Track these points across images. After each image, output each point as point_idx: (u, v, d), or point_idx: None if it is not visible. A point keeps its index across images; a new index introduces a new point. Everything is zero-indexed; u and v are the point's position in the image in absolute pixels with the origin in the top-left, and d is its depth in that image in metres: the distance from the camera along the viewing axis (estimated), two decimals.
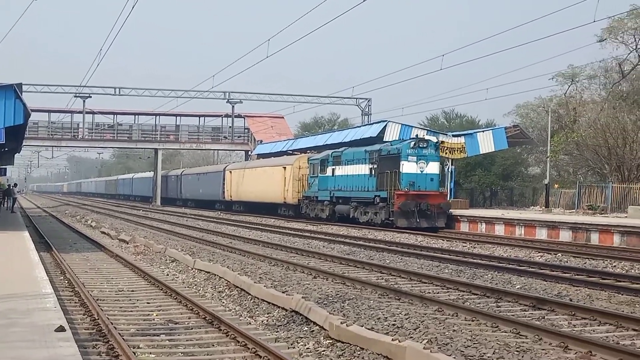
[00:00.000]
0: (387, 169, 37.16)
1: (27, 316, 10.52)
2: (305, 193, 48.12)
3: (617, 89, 55.63)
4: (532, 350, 10.59)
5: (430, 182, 36.96)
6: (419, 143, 37.26)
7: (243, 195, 60.19)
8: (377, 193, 37.82)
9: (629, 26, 53.65)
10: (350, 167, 41.56)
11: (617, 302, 15.14)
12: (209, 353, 11.01)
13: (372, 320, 12.90)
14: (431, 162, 37.14)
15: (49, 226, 43.37)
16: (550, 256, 24.58)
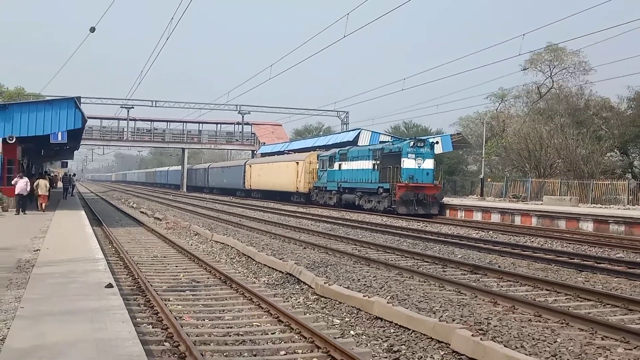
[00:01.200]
0: (389, 164, 35.09)
1: (83, 276, 10.51)
2: (315, 184, 46.16)
3: (535, 107, 55.97)
4: (470, 304, 10.64)
5: (426, 176, 34.84)
6: (417, 143, 35.44)
7: (261, 184, 57.91)
8: (380, 184, 35.94)
9: (545, 58, 54.09)
10: (355, 162, 39.82)
11: (534, 269, 15.20)
12: (223, 305, 11.03)
13: (348, 281, 12.95)
14: (427, 159, 35.17)
15: (100, 207, 43.21)
16: (484, 233, 24.64)
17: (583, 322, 9.26)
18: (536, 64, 54.93)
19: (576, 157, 43.41)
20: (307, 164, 47.18)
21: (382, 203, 35.64)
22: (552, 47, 51.98)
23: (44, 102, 28.88)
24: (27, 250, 14.18)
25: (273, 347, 8.34)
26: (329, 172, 43.22)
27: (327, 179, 43.53)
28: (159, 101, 75.88)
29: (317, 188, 45.80)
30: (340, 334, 9.12)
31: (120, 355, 5.83)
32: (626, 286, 12.82)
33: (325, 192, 44.30)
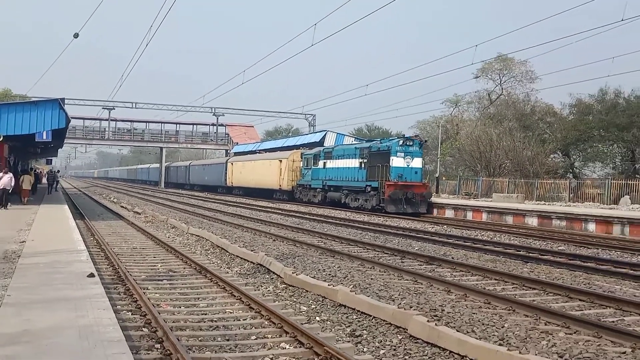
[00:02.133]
0: (378, 163, 32.87)
1: (67, 266, 10.37)
2: (299, 182, 43.72)
3: (486, 112, 56.58)
4: (426, 293, 10.74)
5: (414, 174, 32.53)
6: (406, 141, 33.01)
7: (242, 182, 55.31)
8: (368, 183, 33.51)
9: (495, 67, 54.77)
10: (340, 161, 37.32)
11: (484, 260, 15.37)
12: (198, 293, 10.96)
13: (314, 271, 12.98)
14: (416, 157, 32.79)
15: (82, 201, 42.66)
16: (439, 227, 24.88)
17: (528, 309, 9.40)
18: (487, 72, 55.65)
19: (523, 158, 43.97)
20: (290, 162, 45.21)
21: (369, 201, 33.43)
22: (502, 57, 52.75)
23: (29, 103, 28.49)
24: (13, 242, 13.95)
25: (244, 332, 8.33)
26: (314, 170, 41.00)
27: (312, 177, 41.30)
28: (138, 103, 75.42)
29: (300, 186, 43.60)
30: (307, 320, 9.14)
31: (101, 340, 5.78)
32: (567, 276, 13.05)
33: (309, 190, 42.06)
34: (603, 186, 34.82)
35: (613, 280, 12.69)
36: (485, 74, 55.64)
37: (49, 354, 5.32)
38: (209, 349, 7.57)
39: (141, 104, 75.76)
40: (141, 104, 75.76)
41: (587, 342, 7.66)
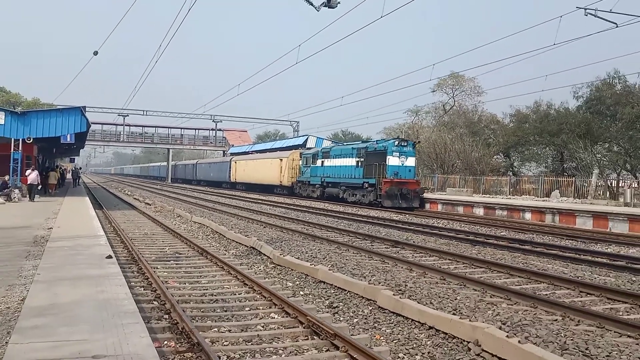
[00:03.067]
0: (374, 161, 30.67)
1: (88, 249, 10.25)
2: (298, 178, 41.21)
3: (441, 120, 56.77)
4: (392, 271, 10.76)
5: (409, 172, 30.44)
6: (401, 142, 31.01)
7: (245, 178, 52.48)
8: (365, 180, 31.33)
9: (449, 83, 55.01)
10: (337, 159, 35.13)
11: (439, 244, 15.40)
12: (200, 272, 10.90)
13: (298, 253, 12.94)
14: (409, 157, 30.67)
15: (101, 194, 42.15)
16: (402, 216, 24.96)
17: (476, 284, 9.46)
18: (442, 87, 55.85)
19: (471, 158, 44.14)
20: (290, 161, 42.86)
21: (367, 197, 31.33)
22: (454, 74, 52.99)
23: (56, 110, 28.15)
24: (42, 229, 13.76)
25: (240, 304, 8.29)
26: (312, 168, 38.66)
27: (311, 174, 38.86)
28: (149, 110, 74.75)
29: (300, 182, 41.02)
30: (293, 294, 9.11)
31: (118, 312, 5.71)
32: (508, 257, 13.13)
33: (308, 186, 39.57)
34: (537, 182, 35.12)
35: (546, 260, 12.80)
36: (441, 88, 55.87)
37: (74, 323, 5.24)
38: (209, 319, 7.52)
39: (151, 112, 75.21)
40: (151, 112, 75.21)
41: (525, 311, 7.72)
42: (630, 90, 37.33)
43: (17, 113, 26.44)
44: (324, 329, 6.71)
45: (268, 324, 7.30)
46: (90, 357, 4.31)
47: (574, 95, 41.16)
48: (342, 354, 6.13)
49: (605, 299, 8.68)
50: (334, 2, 11.76)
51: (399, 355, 6.41)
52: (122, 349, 4.53)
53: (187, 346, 6.21)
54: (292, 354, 6.20)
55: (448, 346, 6.56)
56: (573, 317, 7.37)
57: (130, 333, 4.96)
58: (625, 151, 37.13)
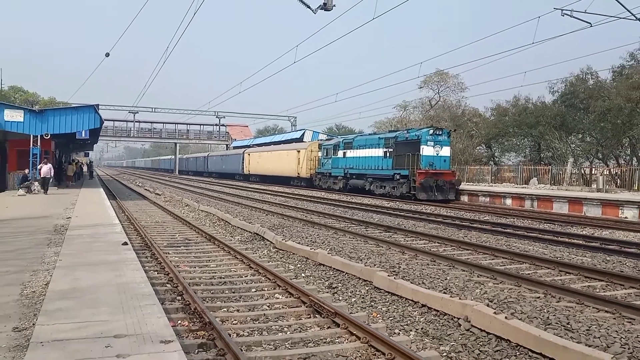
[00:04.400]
0: (406, 151, 26.79)
1: (104, 236, 10.19)
2: (318, 170, 37.24)
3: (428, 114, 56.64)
4: (386, 254, 10.75)
5: (443, 162, 26.66)
6: (436, 131, 27.02)
7: (259, 170, 48.82)
8: (396, 171, 27.49)
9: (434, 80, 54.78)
10: (362, 150, 31.17)
11: (429, 228, 15.37)
12: (209, 256, 10.87)
13: (299, 238, 12.91)
14: (444, 146, 26.80)
15: (114, 186, 42.01)
16: (393, 203, 24.91)
17: (464, 265, 9.46)
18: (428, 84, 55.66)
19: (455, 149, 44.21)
20: (308, 152, 39.15)
21: (398, 189, 27.41)
22: (439, 72, 52.89)
23: (71, 108, 27.98)
24: (61, 218, 13.68)
25: (246, 286, 8.28)
26: (333, 159, 34.68)
27: (332, 166, 34.86)
28: (157, 108, 74.30)
29: (320, 174, 36.99)
30: (295, 276, 9.11)
31: (136, 294, 5.68)
32: (492, 240, 13.12)
33: (329, 178, 35.56)
34: (516, 171, 35.20)
35: (527, 242, 12.82)
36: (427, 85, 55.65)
37: (95, 305, 5.21)
38: (219, 300, 7.51)
39: (159, 109, 74.64)
40: (159, 109, 74.64)
41: (510, 290, 7.74)
42: (602, 85, 37.34)
43: (35, 111, 26.27)
44: (325, 308, 6.71)
45: (273, 304, 7.29)
46: (112, 336, 4.28)
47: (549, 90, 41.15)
48: (343, 331, 6.14)
49: (583, 277, 8.70)
50: (329, 5, 11.69)
51: (394, 331, 6.41)
52: (141, 328, 4.50)
53: (200, 325, 6.20)
54: (297, 331, 6.20)
55: (440, 322, 6.56)
56: (554, 295, 7.39)
57: (148, 314, 4.93)
58: (597, 141, 37.21)
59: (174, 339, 4.25)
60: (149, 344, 4.13)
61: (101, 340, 4.18)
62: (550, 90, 41.03)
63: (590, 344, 5.44)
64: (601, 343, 5.49)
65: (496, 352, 5.63)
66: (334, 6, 11.74)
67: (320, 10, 11.83)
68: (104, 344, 4.10)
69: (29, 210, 16.17)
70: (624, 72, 35.66)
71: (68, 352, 3.92)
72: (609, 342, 5.50)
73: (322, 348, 5.66)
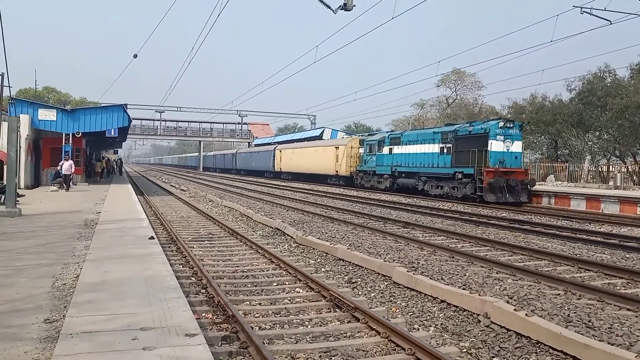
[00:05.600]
0: (470, 147, 23.01)
1: (132, 230, 10.26)
2: (359, 167, 33.74)
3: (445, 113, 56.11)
4: (404, 250, 10.61)
5: (515, 160, 22.77)
6: (507, 123, 23.27)
7: (292, 167, 45.28)
8: (457, 169, 23.69)
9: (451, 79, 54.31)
10: (412, 146, 27.53)
11: (446, 224, 15.18)
12: (231, 251, 10.86)
13: (319, 233, 12.84)
14: (516, 141, 22.97)
15: (141, 182, 42.48)
16: (410, 200, 24.66)
17: (483, 261, 9.29)
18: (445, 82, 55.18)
19: None
20: (348, 149, 35.63)
21: (460, 189, 23.53)
22: (456, 70, 52.34)
23: (101, 107, 28.43)
24: (91, 213, 13.84)
25: (268, 280, 8.23)
26: (378, 156, 31.02)
27: (376, 163, 31.26)
28: (182, 107, 74.94)
29: (361, 172, 33.47)
30: (315, 271, 9.05)
31: (162, 287, 5.67)
32: (510, 236, 12.91)
33: (372, 176, 31.96)
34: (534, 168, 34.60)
35: (545, 239, 12.56)
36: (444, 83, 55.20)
37: (123, 298, 5.21)
38: (242, 293, 7.48)
39: (185, 108, 75.36)
40: (185, 108, 75.36)
41: (530, 287, 7.54)
42: (620, 83, 36.48)
43: (67, 110, 26.67)
44: (345, 303, 6.62)
45: (294, 297, 7.23)
46: (139, 329, 4.26)
47: (567, 88, 40.40)
48: (362, 325, 6.05)
49: (602, 275, 8.46)
50: (350, 4, 11.58)
51: (414, 326, 6.30)
52: (166, 321, 4.47)
53: (223, 318, 6.17)
54: (317, 325, 6.13)
55: (459, 318, 6.43)
56: (574, 292, 7.18)
57: (173, 307, 4.91)
58: (614, 139, 36.37)
59: (198, 332, 4.22)
60: (174, 337, 4.10)
61: (128, 332, 4.17)
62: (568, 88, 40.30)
63: (613, 342, 5.26)
64: (624, 341, 5.30)
65: (516, 349, 5.48)
66: (354, 6, 11.63)
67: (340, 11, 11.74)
68: (131, 336, 4.08)
69: (60, 205, 16.39)
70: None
71: (96, 343, 3.91)
72: (632, 341, 5.31)
73: (342, 342, 5.58)
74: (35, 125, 24.98)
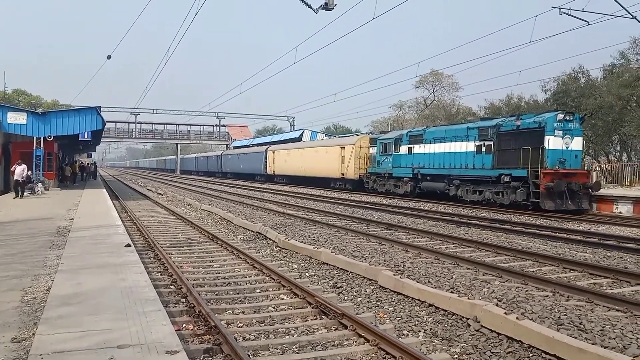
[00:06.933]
0: (518, 145, 19.29)
1: (108, 238, 9.89)
2: (371, 169, 29.75)
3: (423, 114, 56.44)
4: (389, 252, 10.46)
5: (574, 159, 19.07)
6: (567, 116, 18.96)
7: (288, 170, 41.43)
8: (504, 171, 19.73)
9: (429, 80, 54.62)
10: (438, 145, 23.79)
11: (429, 225, 15.12)
12: (212, 256, 10.55)
13: (302, 237, 12.61)
14: (576, 137, 19.08)
15: (116, 186, 41.61)
16: (391, 201, 24.61)
17: (469, 263, 9.18)
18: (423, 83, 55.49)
19: None
20: (357, 149, 31.44)
21: (507, 195, 19.62)
22: (434, 72, 52.70)
23: (74, 110, 27.62)
24: (64, 219, 13.35)
25: (251, 286, 7.98)
26: (395, 157, 27.15)
27: (393, 164, 27.37)
28: (158, 109, 73.98)
29: (373, 174, 29.52)
30: (299, 276, 8.82)
31: (140, 299, 5.38)
32: (492, 236, 12.89)
33: (388, 179, 28.03)
34: None
35: (527, 238, 12.58)
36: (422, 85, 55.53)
37: (98, 312, 4.90)
38: (223, 301, 7.21)
39: (160, 110, 74.39)
40: (160, 110, 74.39)
41: (517, 288, 7.44)
42: (593, 83, 37.18)
43: (38, 113, 25.90)
44: (331, 309, 6.42)
45: (278, 305, 7.00)
46: (116, 346, 3.98)
47: (542, 89, 40.99)
48: (351, 333, 5.85)
49: (588, 275, 8.43)
50: (331, 4, 11.40)
51: (403, 332, 6.13)
52: (145, 337, 4.20)
53: (205, 329, 5.89)
54: (304, 334, 5.90)
55: (448, 323, 6.28)
56: (563, 293, 7.10)
57: (152, 321, 4.63)
58: (588, 138, 37.01)
59: (180, 349, 3.95)
60: (153, 355, 3.83)
61: (104, 351, 3.88)
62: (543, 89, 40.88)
63: (606, 345, 5.16)
64: (617, 344, 5.21)
65: (508, 353, 5.35)
66: (335, 6, 11.46)
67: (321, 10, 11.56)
68: (107, 355, 3.80)
69: (31, 211, 15.82)
70: (615, 71, 35.47)
71: None
72: (625, 343, 5.22)
73: (330, 352, 5.37)
74: (4, 129, 24.20)
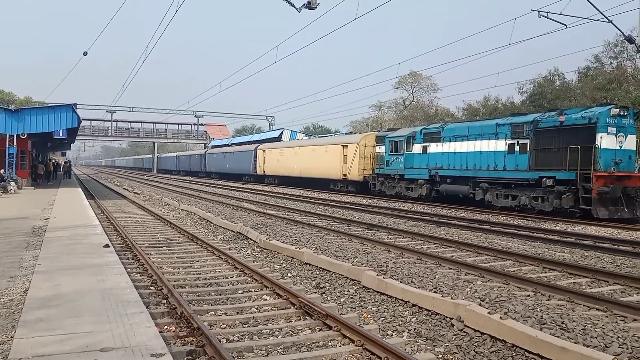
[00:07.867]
0: (564, 143, 16.79)
1: (85, 238, 9.70)
2: (378, 170, 27.17)
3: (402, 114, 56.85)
4: (372, 252, 10.47)
5: (628, 160, 16.67)
6: (621, 111, 16.47)
7: (280, 170, 38.61)
8: (546, 173, 17.10)
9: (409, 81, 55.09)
10: (461, 143, 21.16)
11: (409, 225, 15.20)
12: (192, 257, 10.44)
13: (283, 237, 12.54)
14: (630, 134, 16.60)
15: (92, 185, 40.89)
16: (372, 201, 24.64)
17: (451, 263, 9.24)
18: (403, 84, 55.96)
19: None
20: (361, 147, 28.92)
21: (550, 201, 16.99)
22: (413, 73, 53.14)
23: (48, 107, 27.06)
24: (39, 219, 13.06)
25: (233, 287, 7.90)
26: (407, 157, 24.54)
27: (404, 165, 24.74)
28: (135, 107, 72.92)
29: (382, 176, 26.93)
30: (281, 276, 8.76)
31: (122, 300, 5.27)
32: (472, 236, 13.01)
33: (399, 181, 25.41)
34: None
35: (506, 238, 12.73)
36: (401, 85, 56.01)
37: (78, 314, 4.79)
38: (206, 303, 7.11)
39: (137, 108, 73.31)
40: (137, 108, 73.31)
41: (499, 288, 7.52)
42: (568, 86, 37.97)
43: (11, 110, 25.32)
44: (315, 310, 6.39)
45: (261, 306, 6.94)
46: (99, 349, 3.88)
47: (519, 91, 41.74)
48: (335, 333, 5.83)
49: (567, 274, 8.57)
50: (314, 3, 11.38)
51: (387, 332, 6.13)
52: (129, 340, 4.11)
53: (188, 331, 5.81)
54: (288, 335, 5.86)
55: (432, 323, 6.30)
56: (544, 293, 7.19)
57: (136, 323, 4.54)
58: None
59: (165, 351, 3.88)
60: (138, 357, 3.76)
61: (86, 354, 3.78)
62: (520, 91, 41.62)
63: (588, 344, 5.24)
64: (599, 343, 5.29)
65: (492, 353, 5.39)
66: (318, 4, 11.45)
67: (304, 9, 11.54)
68: (90, 359, 3.70)
69: (5, 211, 15.44)
70: (589, 74, 36.26)
71: None
72: (606, 342, 5.30)
73: (315, 353, 5.34)
74: None
